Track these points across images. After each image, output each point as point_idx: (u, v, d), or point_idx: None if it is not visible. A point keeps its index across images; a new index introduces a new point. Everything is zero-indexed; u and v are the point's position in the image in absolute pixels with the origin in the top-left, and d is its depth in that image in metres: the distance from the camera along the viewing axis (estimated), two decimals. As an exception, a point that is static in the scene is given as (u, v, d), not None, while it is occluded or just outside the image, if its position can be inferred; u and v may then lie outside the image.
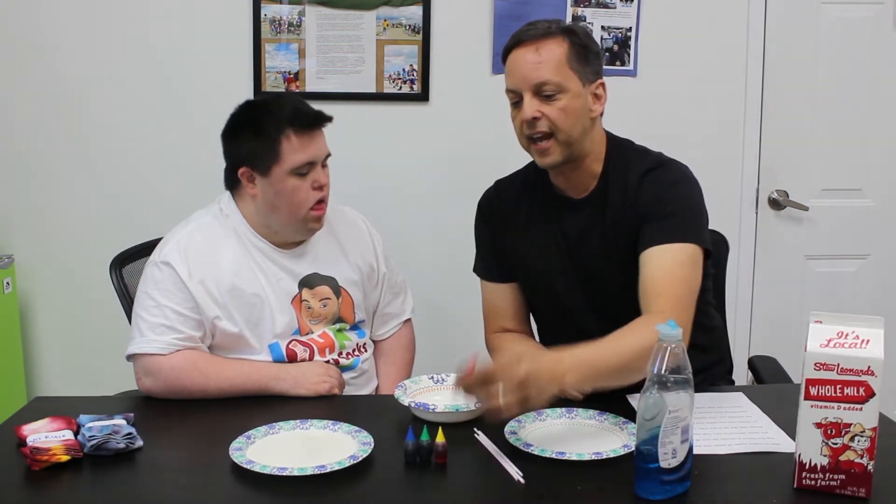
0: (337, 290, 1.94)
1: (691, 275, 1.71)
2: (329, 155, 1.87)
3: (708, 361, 1.91)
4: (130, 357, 1.80)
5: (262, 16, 2.82)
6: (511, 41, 1.76)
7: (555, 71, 1.71)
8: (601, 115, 1.81)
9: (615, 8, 2.89)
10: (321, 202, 1.85)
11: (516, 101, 1.75)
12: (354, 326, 1.98)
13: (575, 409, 1.62)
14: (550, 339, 1.89)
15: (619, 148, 1.85)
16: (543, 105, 1.71)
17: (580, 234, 1.82)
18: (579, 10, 2.86)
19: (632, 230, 1.76)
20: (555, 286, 1.85)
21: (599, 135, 1.82)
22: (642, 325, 1.59)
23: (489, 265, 1.96)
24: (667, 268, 1.69)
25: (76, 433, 1.50)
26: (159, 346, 1.77)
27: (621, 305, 1.70)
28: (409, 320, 2.13)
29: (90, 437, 1.45)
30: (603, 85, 1.78)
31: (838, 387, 1.27)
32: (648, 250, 1.71)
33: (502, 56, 1.78)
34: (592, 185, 1.82)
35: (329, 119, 1.86)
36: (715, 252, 1.87)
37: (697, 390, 1.30)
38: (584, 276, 1.83)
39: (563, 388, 1.46)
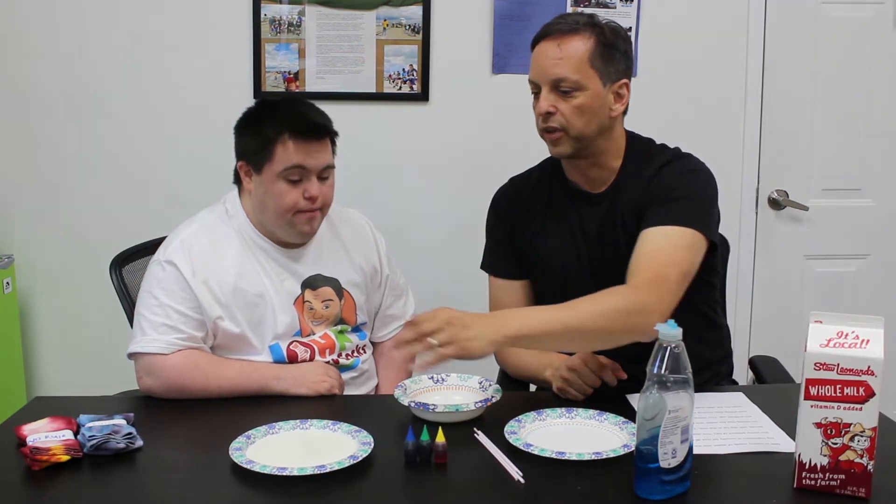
0: (339, 291, 1.94)
1: (685, 259, 1.67)
2: (330, 167, 1.84)
3: (715, 358, 1.91)
4: (131, 356, 1.80)
5: (262, 16, 2.82)
6: (539, 32, 1.77)
7: (574, 69, 1.71)
8: (624, 113, 1.82)
9: (615, 8, 2.89)
10: (312, 212, 1.83)
11: (536, 93, 1.77)
12: (356, 328, 1.97)
13: (575, 409, 1.62)
14: None
15: (639, 144, 1.85)
16: (559, 101, 1.73)
17: (598, 228, 1.83)
18: (579, 10, 2.86)
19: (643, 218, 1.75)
20: (571, 280, 1.84)
21: (620, 132, 1.83)
22: (608, 293, 1.61)
23: (500, 262, 1.95)
24: (660, 248, 1.67)
25: (76, 433, 1.49)
26: (161, 346, 1.76)
27: None
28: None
29: (90, 437, 1.45)
30: (626, 85, 1.77)
31: (838, 387, 1.27)
32: (648, 229, 1.70)
33: (531, 46, 1.79)
34: (611, 179, 1.82)
35: (333, 132, 1.85)
36: (718, 253, 1.86)
37: (702, 389, 1.30)
38: (599, 269, 1.82)
39: (505, 334, 1.51)
